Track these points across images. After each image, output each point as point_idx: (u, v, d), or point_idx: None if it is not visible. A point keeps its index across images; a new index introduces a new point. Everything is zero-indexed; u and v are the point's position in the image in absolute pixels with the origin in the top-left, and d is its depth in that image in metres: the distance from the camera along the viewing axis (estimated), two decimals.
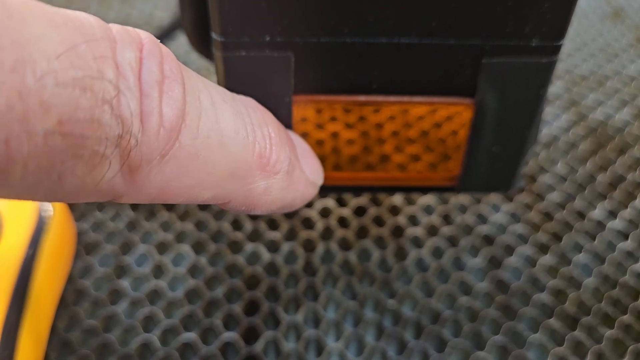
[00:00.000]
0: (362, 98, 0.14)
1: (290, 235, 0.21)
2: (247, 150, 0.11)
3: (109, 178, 0.09)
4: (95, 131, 0.08)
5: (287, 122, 0.14)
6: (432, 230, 0.21)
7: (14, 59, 0.08)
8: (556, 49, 0.13)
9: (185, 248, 0.21)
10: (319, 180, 0.14)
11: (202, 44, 0.17)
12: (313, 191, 0.14)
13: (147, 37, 0.10)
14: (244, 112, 0.12)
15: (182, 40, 0.31)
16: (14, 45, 0.08)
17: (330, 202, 0.22)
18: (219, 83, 0.14)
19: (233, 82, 0.14)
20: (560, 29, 0.13)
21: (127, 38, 0.09)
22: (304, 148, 0.14)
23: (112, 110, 0.09)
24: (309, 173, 0.14)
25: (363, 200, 0.22)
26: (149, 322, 0.18)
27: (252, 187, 0.12)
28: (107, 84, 0.09)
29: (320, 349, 0.18)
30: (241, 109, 0.12)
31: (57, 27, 0.08)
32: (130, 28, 0.10)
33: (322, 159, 0.16)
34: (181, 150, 0.10)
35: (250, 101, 0.13)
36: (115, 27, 0.09)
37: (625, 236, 0.21)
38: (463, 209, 0.22)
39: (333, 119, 0.15)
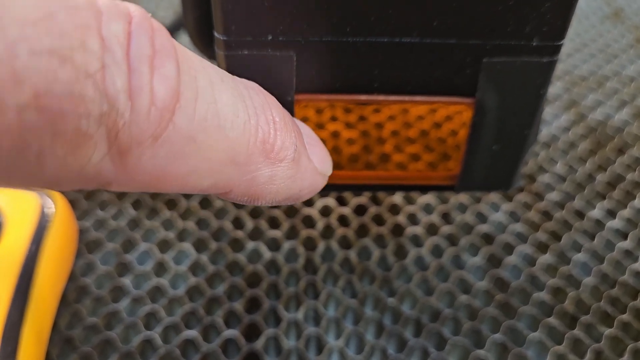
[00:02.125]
0: (363, 97, 0.14)
1: (291, 234, 0.21)
2: (249, 135, 0.11)
3: (96, 161, 0.09)
4: (77, 107, 0.08)
5: None
6: (432, 229, 0.22)
7: None
8: (557, 49, 0.14)
9: (187, 246, 0.21)
10: (328, 171, 0.14)
11: (204, 44, 0.17)
12: (321, 181, 0.13)
13: (136, 10, 0.09)
14: (246, 95, 0.11)
15: (184, 39, 0.31)
16: None
17: (330, 200, 0.22)
18: None
19: None
20: (560, 28, 0.13)
21: (114, 9, 0.09)
22: (311, 136, 0.13)
23: (96, 85, 0.08)
24: (317, 162, 0.13)
25: (363, 199, 0.23)
26: (150, 320, 0.19)
27: (255, 175, 0.11)
28: (91, 56, 0.08)
29: (320, 346, 0.18)
30: (242, 91, 0.11)
31: None
32: (118, 1, 0.09)
33: None
34: (176, 133, 0.09)
35: (252, 84, 0.12)
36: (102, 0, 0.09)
37: (624, 235, 0.22)
38: (463, 208, 0.22)
39: (334, 118, 0.15)
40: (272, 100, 0.12)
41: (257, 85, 0.12)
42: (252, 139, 0.11)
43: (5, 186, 0.09)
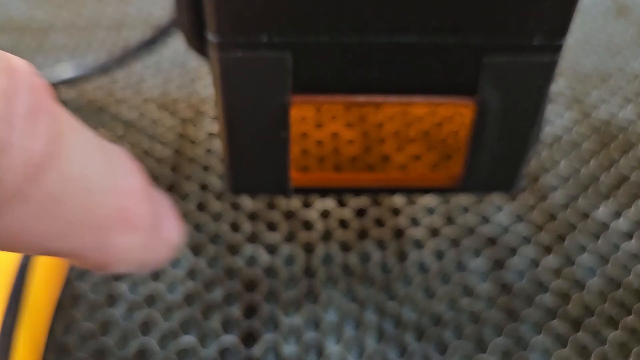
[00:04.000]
0: (361, 98, 0.14)
1: (290, 237, 0.21)
2: (111, 201, 0.11)
3: None
4: None
5: (284, 123, 0.14)
6: (434, 231, 0.21)
7: None
8: (558, 48, 0.13)
9: (184, 250, 0.20)
10: (179, 243, 0.14)
11: (200, 44, 0.17)
12: (171, 253, 0.13)
13: (22, 65, 0.09)
14: (113, 160, 0.11)
15: (180, 38, 0.31)
16: None
17: (330, 203, 0.22)
18: (214, 85, 0.14)
19: (229, 83, 0.13)
20: (562, 27, 0.13)
21: (0, 64, 0.09)
22: (167, 207, 0.13)
23: None
24: (170, 234, 0.13)
25: (363, 201, 0.22)
26: (147, 326, 0.18)
27: (111, 241, 0.11)
28: None
29: (320, 352, 0.18)
30: (110, 155, 0.11)
31: None
32: (5, 53, 0.09)
33: (322, 160, 0.16)
34: (41, 193, 0.09)
35: (119, 149, 0.12)
36: None
37: (629, 236, 0.21)
38: (465, 209, 0.22)
39: (333, 119, 0.15)
40: (136, 167, 0.12)
41: (123, 150, 0.12)
42: (114, 204, 0.11)
43: None
